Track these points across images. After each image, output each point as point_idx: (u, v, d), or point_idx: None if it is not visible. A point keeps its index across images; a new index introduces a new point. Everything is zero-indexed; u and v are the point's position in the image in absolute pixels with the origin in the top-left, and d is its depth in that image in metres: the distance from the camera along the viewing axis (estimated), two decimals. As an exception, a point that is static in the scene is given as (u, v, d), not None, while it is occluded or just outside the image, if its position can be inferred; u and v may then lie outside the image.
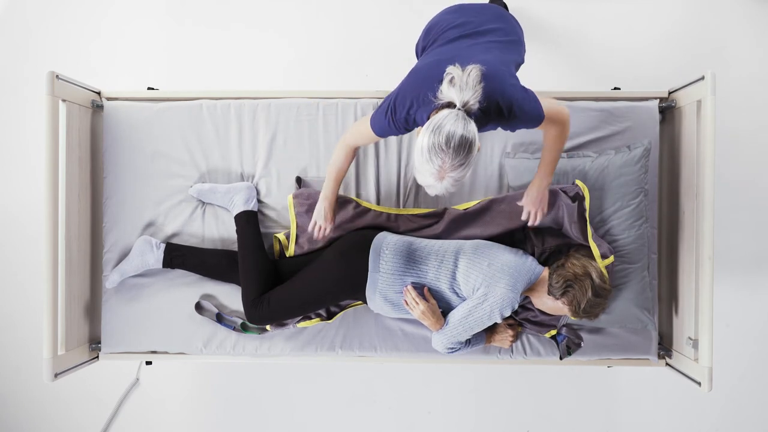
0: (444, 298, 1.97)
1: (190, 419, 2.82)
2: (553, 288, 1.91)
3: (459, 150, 1.42)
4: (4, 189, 2.79)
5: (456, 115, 1.43)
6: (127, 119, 2.23)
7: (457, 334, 1.93)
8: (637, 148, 2.09)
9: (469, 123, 1.44)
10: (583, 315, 1.90)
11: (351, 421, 2.80)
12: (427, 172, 1.47)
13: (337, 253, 2.01)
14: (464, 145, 1.43)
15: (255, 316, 2.06)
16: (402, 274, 1.95)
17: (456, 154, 1.43)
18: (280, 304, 2.03)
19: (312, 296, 2.02)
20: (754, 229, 2.71)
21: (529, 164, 2.14)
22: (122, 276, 2.18)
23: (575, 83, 2.71)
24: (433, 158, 1.44)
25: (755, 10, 2.70)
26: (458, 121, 1.42)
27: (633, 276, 2.09)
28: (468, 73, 1.44)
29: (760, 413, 2.76)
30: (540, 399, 2.78)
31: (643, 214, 2.10)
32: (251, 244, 2.11)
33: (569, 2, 2.72)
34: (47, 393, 2.83)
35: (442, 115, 1.44)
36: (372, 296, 1.99)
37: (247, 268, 2.08)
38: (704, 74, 2.01)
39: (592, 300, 1.88)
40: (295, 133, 2.22)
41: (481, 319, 1.89)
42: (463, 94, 1.44)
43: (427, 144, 1.44)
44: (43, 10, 2.78)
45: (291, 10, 2.76)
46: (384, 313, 2.06)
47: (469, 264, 1.92)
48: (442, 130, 1.42)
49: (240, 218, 2.14)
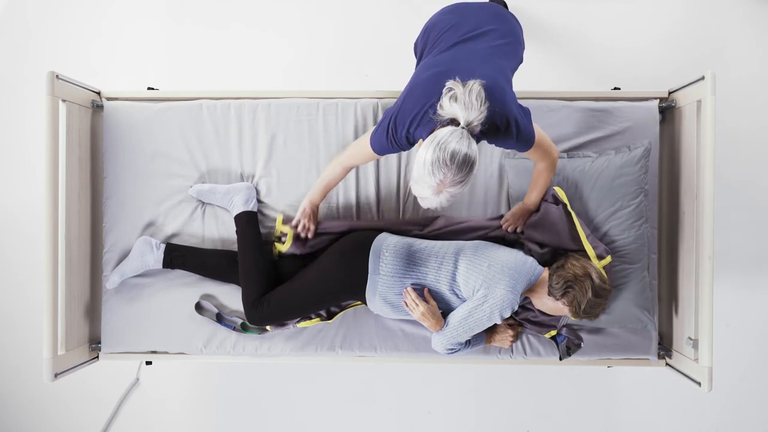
0: (444, 299, 1.97)
1: (190, 419, 2.82)
2: (554, 289, 1.91)
3: (462, 167, 1.45)
4: (4, 189, 2.79)
5: (461, 133, 1.46)
6: (127, 119, 2.23)
7: (457, 335, 1.93)
8: (637, 149, 2.09)
9: (472, 142, 1.47)
10: (584, 315, 1.90)
11: (351, 421, 2.80)
12: (426, 184, 1.49)
13: (337, 254, 2.01)
14: (467, 163, 1.46)
15: (255, 316, 2.06)
16: (402, 276, 1.95)
17: (458, 171, 1.45)
18: (280, 305, 2.03)
19: (312, 297, 2.02)
20: (754, 229, 2.71)
21: (529, 164, 2.13)
22: (122, 277, 2.18)
23: (575, 83, 2.71)
24: (435, 172, 1.46)
25: (755, 10, 2.70)
26: (463, 139, 1.45)
27: (633, 276, 2.09)
28: (470, 89, 1.46)
29: (760, 413, 2.76)
30: (540, 399, 2.78)
31: (643, 214, 2.10)
32: (251, 245, 2.11)
33: (569, 2, 2.72)
34: (47, 393, 2.83)
35: (447, 132, 1.46)
36: (372, 298, 1.99)
37: (248, 269, 2.08)
38: (704, 74, 2.01)
39: (593, 300, 1.87)
40: (295, 133, 2.22)
41: (481, 321, 1.89)
42: (468, 113, 1.46)
43: (431, 158, 1.45)
44: (44, 10, 2.78)
45: (291, 10, 2.75)
46: (384, 315, 2.06)
47: (469, 265, 1.92)
48: (447, 147, 1.44)
49: (240, 219, 2.14)
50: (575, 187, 2.11)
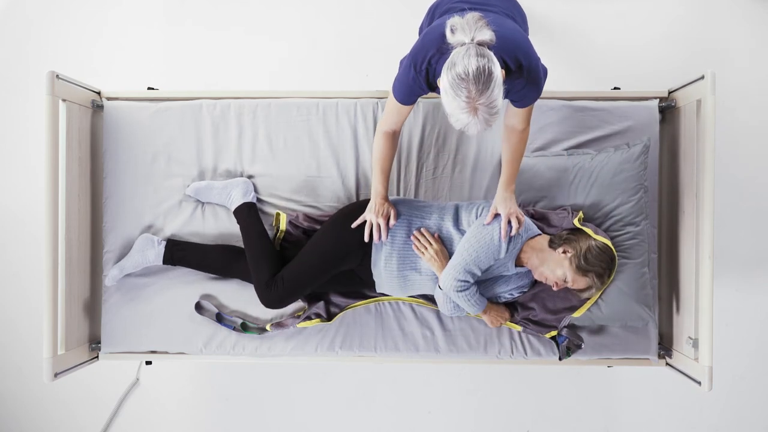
0: (453, 242, 1.99)
1: (190, 419, 2.82)
2: (554, 242, 1.95)
3: (479, 77, 1.42)
4: (4, 188, 2.79)
5: (467, 48, 1.44)
6: (127, 119, 2.23)
7: (463, 260, 1.90)
8: (636, 145, 2.10)
9: (482, 51, 1.44)
10: (587, 267, 1.91)
11: (351, 421, 2.80)
12: (458, 108, 1.47)
13: (341, 215, 2.05)
14: (482, 71, 1.42)
15: (271, 297, 2.04)
16: (408, 217, 2.00)
17: (477, 81, 1.42)
18: (292, 280, 2.02)
19: (321, 261, 2.02)
20: (754, 229, 2.71)
21: (529, 161, 2.14)
22: (122, 271, 2.17)
23: (575, 83, 2.71)
24: (457, 92, 1.44)
25: (755, 10, 2.70)
26: (469, 52, 1.43)
27: (633, 271, 2.08)
28: (468, 17, 1.48)
29: (760, 412, 2.76)
30: (540, 399, 2.78)
31: (643, 210, 2.11)
32: (256, 232, 2.12)
33: (569, 2, 2.72)
34: (47, 393, 2.83)
35: (454, 53, 1.46)
36: (377, 252, 2.00)
37: (255, 255, 2.08)
38: (704, 74, 2.01)
39: (595, 250, 1.91)
40: (295, 133, 2.22)
41: (486, 244, 1.89)
42: (470, 31, 1.46)
43: (448, 82, 1.45)
44: (44, 10, 2.78)
45: (291, 11, 2.76)
46: (388, 272, 2.03)
47: (470, 204, 2.03)
48: (456, 64, 1.44)
49: (240, 211, 2.14)
50: (575, 184, 2.11)
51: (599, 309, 2.08)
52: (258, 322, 2.23)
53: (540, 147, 2.20)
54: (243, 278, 2.18)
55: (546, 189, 2.14)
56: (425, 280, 2.03)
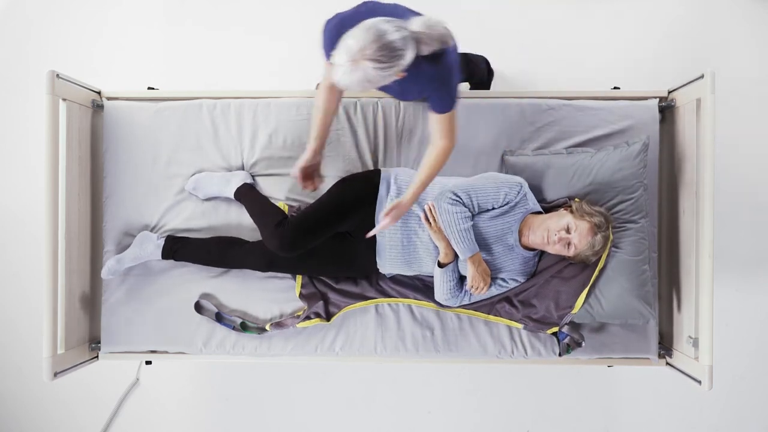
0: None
1: (190, 419, 2.82)
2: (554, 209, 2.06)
3: (383, 48, 1.42)
4: (4, 188, 2.80)
5: (398, 26, 1.46)
6: (127, 119, 2.23)
7: (467, 183, 1.98)
8: (636, 143, 2.10)
9: (406, 36, 1.46)
10: (588, 211, 1.96)
11: (351, 421, 2.80)
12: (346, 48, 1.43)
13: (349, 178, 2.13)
14: (390, 48, 1.43)
15: (283, 234, 2.01)
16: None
17: (380, 50, 1.42)
18: (302, 218, 2.04)
19: (330, 203, 2.05)
20: (754, 229, 2.71)
21: (529, 161, 2.14)
22: (120, 264, 2.16)
23: (575, 83, 2.72)
24: (359, 37, 1.42)
25: (755, 10, 2.70)
26: (402, 32, 1.46)
27: (634, 268, 2.07)
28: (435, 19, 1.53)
29: (760, 412, 2.76)
30: (540, 399, 2.78)
31: (642, 208, 2.11)
32: (259, 198, 2.16)
33: (569, 2, 2.72)
34: (47, 393, 2.83)
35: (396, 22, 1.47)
36: (382, 204, 2.04)
37: (263, 211, 2.12)
38: (703, 73, 2.01)
39: (592, 204, 2.01)
40: (295, 133, 2.22)
41: (485, 186, 1.96)
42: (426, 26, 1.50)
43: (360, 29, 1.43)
44: (44, 10, 2.78)
45: (291, 11, 2.76)
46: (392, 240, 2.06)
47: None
48: (379, 26, 1.44)
49: (240, 190, 2.16)
50: (574, 182, 2.12)
51: (600, 306, 2.08)
52: (257, 322, 2.23)
53: (540, 146, 2.20)
54: (241, 265, 2.17)
55: (545, 187, 2.14)
56: (426, 254, 2.06)
